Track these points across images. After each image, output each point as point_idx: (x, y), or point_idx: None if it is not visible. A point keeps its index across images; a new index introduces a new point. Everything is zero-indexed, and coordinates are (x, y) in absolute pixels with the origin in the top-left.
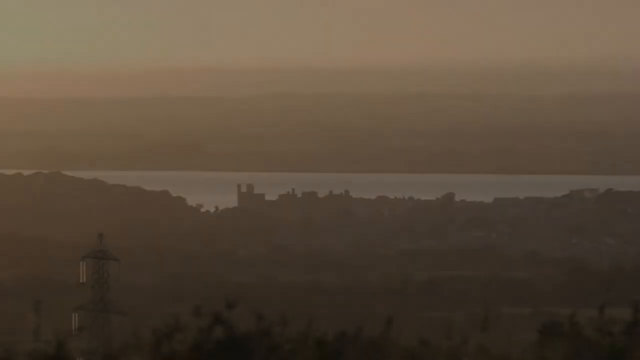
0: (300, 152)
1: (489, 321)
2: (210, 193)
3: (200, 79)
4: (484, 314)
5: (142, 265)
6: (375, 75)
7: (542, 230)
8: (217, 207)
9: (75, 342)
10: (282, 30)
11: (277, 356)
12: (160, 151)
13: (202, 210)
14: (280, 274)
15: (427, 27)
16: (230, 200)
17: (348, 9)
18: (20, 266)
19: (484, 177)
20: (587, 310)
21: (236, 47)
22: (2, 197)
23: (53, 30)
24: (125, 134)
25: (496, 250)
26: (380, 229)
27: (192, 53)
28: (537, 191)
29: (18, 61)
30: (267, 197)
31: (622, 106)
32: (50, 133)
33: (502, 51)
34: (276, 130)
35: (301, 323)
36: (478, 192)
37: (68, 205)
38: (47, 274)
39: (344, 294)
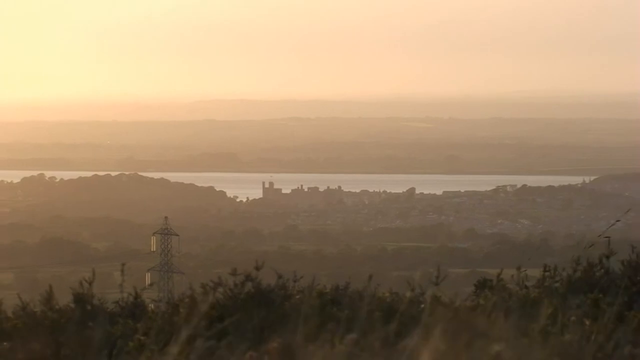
0: (307, 159)
1: (439, 278)
2: (243, 188)
3: (236, 106)
4: (437, 273)
5: (195, 239)
6: (359, 105)
7: (477, 214)
8: (247, 198)
9: (147, 294)
10: (295, 72)
11: (290, 303)
12: (208, 158)
13: (237, 200)
14: (293, 245)
15: (397, 70)
16: (257, 193)
17: (343, 59)
18: (109, 239)
19: (436, 177)
20: (509, 270)
21: (262, 84)
22: (97, 191)
23: (135, 73)
24: (183, 146)
25: (444, 228)
26: (363, 214)
27: (231, 88)
28: (473, 186)
29: (107, 93)
30: (283, 191)
31: (534, 125)
32: (129, 146)
33: (448, 87)
34: (289, 143)
35: (308, 280)
36: (432, 187)
37: (143, 197)
38: (128, 245)
39: (338, 259)
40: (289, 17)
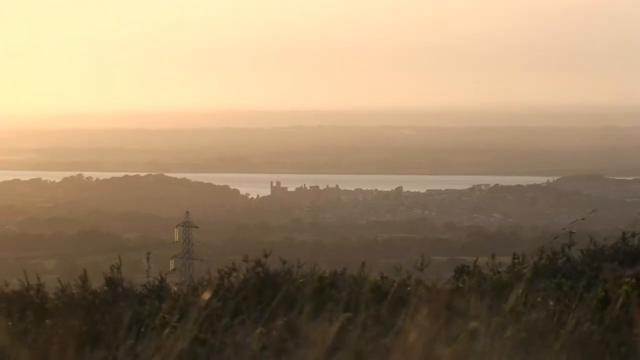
0: (309, 162)
1: (423, 265)
2: (254, 187)
3: (248, 116)
4: (421, 260)
5: (212, 231)
6: (355, 115)
7: (456, 209)
8: (258, 195)
9: (171, 278)
10: (299, 86)
11: (294, 286)
12: (223, 161)
13: (249, 197)
14: (297, 237)
15: (388, 85)
16: (266, 192)
17: (341, 75)
18: (139, 231)
19: (421, 177)
20: (483, 258)
21: (270, 97)
22: (127, 189)
23: (157, 86)
24: (202, 150)
25: (428, 221)
26: (358, 209)
27: (243, 100)
28: (453, 185)
29: (136, 104)
30: (289, 190)
31: (506, 133)
32: (155, 150)
33: (432, 99)
34: (293, 148)
35: (309, 266)
36: (417, 186)
37: (167, 194)
38: (155, 235)
39: (335, 249)
40: (293, 38)
